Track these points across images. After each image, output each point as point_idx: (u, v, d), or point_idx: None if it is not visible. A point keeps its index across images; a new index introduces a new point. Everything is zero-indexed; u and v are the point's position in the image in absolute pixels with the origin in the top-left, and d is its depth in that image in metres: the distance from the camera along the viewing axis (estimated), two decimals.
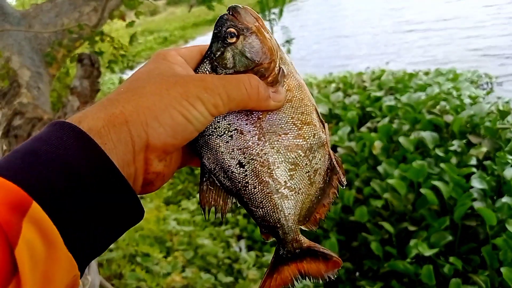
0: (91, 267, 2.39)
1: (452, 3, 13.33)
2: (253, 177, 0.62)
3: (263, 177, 0.62)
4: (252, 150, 0.61)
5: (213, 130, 0.61)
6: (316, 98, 6.38)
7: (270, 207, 0.64)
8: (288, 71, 0.63)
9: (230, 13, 0.62)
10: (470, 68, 7.37)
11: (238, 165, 0.62)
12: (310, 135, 0.63)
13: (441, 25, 11.41)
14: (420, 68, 7.37)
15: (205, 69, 0.62)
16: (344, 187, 0.68)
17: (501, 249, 2.98)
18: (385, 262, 3.37)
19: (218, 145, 0.61)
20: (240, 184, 0.62)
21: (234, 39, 0.61)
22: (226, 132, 0.61)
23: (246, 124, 0.62)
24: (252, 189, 0.63)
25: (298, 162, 0.63)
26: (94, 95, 3.08)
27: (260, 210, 0.64)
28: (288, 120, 0.63)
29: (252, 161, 0.62)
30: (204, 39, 14.62)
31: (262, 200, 0.63)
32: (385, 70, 7.18)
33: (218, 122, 0.61)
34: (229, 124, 0.61)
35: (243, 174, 0.62)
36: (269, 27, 2.50)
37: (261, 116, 0.62)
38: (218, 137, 0.61)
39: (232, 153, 0.62)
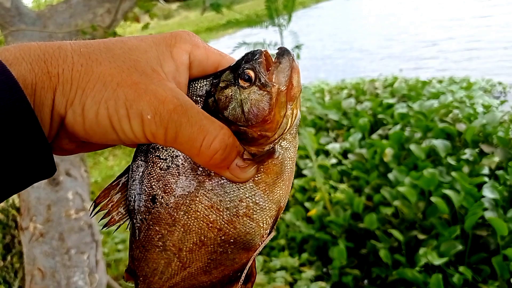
0: (99, 266, 2.40)
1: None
2: (154, 219, 0.52)
3: (162, 228, 0.52)
4: (174, 197, 0.51)
5: (160, 146, 0.51)
6: (328, 103, 6.37)
7: (148, 258, 0.54)
8: (281, 156, 0.51)
9: (275, 54, 0.50)
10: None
11: (151, 197, 0.51)
12: (243, 231, 0.52)
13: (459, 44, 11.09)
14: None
15: (197, 89, 0.52)
16: None
17: None
18: (393, 270, 3.34)
19: (152, 163, 0.51)
20: (139, 215, 0.52)
21: (245, 84, 0.49)
22: (169, 159, 0.51)
23: (191, 169, 0.50)
24: (146, 229, 0.52)
25: (208, 244, 0.52)
26: None
27: (138, 252, 0.54)
28: (235, 199, 0.51)
29: (166, 206, 0.51)
30: (217, 43, 14.67)
31: (146, 245, 0.53)
32: (397, 77, 7.14)
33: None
34: (177, 156, 0.51)
35: (147, 209, 0.52)
36: (278, 32, 2.49)
37: (212, 174, 0.50)
38: (158, 157, 0.51)
39: (156, 182, 0.51)
